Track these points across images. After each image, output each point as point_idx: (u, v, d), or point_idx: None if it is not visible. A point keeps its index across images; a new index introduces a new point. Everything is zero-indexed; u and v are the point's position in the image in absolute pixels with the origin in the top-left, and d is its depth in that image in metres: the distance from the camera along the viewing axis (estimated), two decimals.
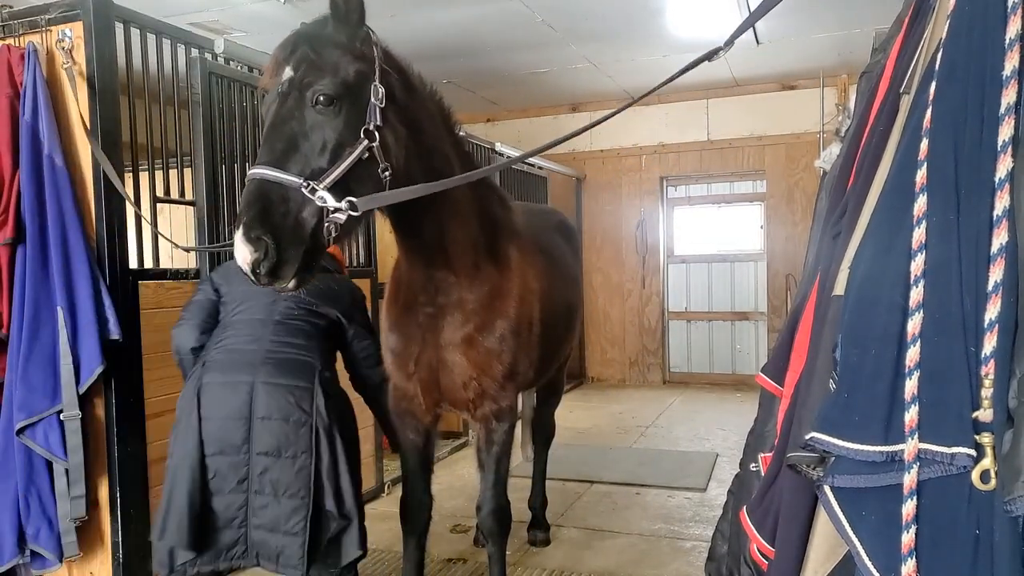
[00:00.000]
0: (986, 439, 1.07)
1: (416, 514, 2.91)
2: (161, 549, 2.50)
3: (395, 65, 2.24)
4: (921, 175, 1.19)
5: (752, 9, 5.92)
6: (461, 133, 2.67)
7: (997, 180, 1.11)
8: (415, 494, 2.91)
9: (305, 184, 1.92)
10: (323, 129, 1.99)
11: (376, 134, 2.06)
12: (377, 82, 2.08)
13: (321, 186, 1.93)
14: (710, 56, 1.73)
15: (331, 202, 1.93)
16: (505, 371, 2.69)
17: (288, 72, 2.02)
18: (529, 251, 2.91)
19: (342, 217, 1.96)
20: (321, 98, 1.98)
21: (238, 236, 1.87)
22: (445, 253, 2.53)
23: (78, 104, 3.04)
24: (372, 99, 2.07)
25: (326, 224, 1.95)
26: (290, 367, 2.63)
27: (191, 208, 3.69)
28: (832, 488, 1.18)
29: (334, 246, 2.58)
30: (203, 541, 2.49)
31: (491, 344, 2.65)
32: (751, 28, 6.38)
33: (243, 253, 1.87)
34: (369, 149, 2.04)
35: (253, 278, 1.91)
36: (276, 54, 2.08)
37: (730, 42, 1.69)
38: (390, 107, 2.12)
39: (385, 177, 2.09)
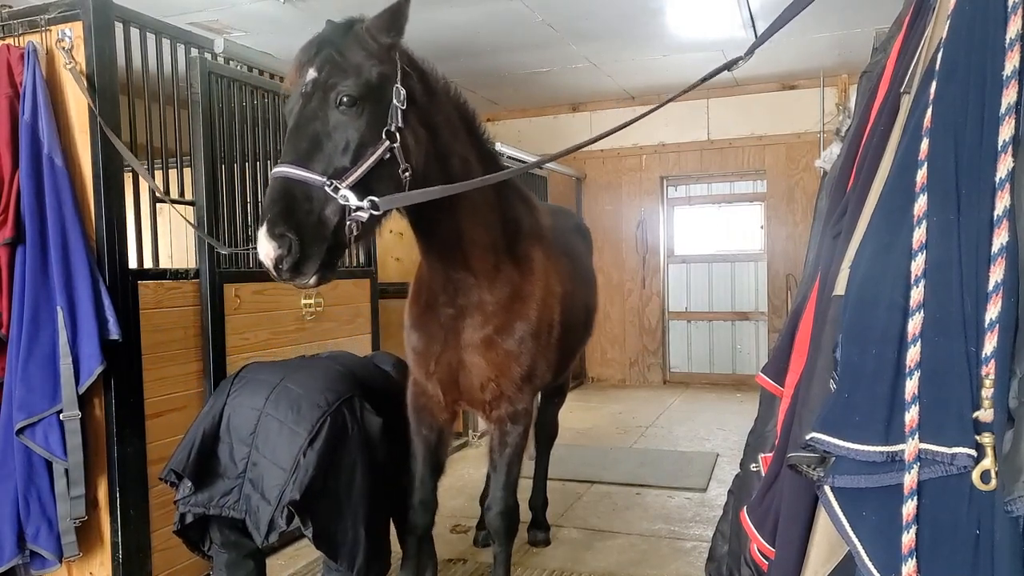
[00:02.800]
0: (987, 439, 1.06)
1: (419, 515, 2.88)
2: (166, 474, 2.64)
3: (417, 68, 2.27)
4: (921, 175, 1.19)
5: (752, 9, 5.93)
6: (485, 135, 2.67)
7: (997, 180, 1.11)
8: (421, 493, 2.87)
9: (328, 183, 1.96)
10: (346, 129, 2.03)
11: (397, 135, 2.09)
12: (399, 84, 2.12)
13: (344, 185, 1.97)
14: (729, 66, 1.77)
15: (353, 201, 1.97)
16: (523, 373, 2.70)
17: (312, 73, 2.05)
18: (553, 254, 2.92)
19: (364, 216, 2.00)
20: (345, 99, 2.02)
21: (262, 232, 1.91)
22: (464, 254, 2.55)
23: (91, 103, 3.04)
24: (394, 101, 2.10)
25: (348, 222, 1.99)
26: (335, 375, 2.75)
27: (191, 208, 3.69)
28: (832, 488, 1.18)
29: None
30: (203, 481, 2.60)
31: (510, 346, 2.66)
32: (751, 28, 6.38)
33: (266, 249, 1.91)
34: (391, 150, 2.08)
35: (275, 274, 1.95)
36: (299, 56, 2.12)
37: (751, 52, 1.73)
38: (411, 109, 2.16)
39: (405, 178, 2.13)
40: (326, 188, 1.95)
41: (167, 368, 3.40)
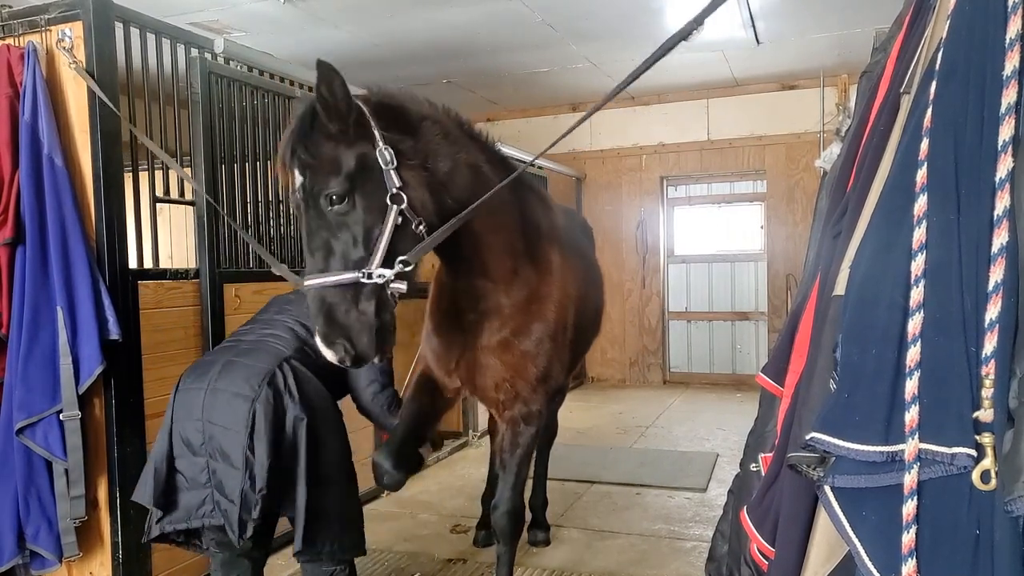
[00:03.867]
0: (986, 439, 1.06)
1: (388, 460, 2.72)
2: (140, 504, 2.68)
3: (389, 114, 2.22)
4: (921, 175, 1.19)
5: (752, 9, 5.92)
6: (488, 139, 2.66)
7: (997, 180, 1.11)
8: (398, 445, 2.74)
9: (362, 275, 2.05)
10: (351, 223, 2.10)
11: (402, 195, 2.13)
12: (382, 147, 2.12)
13: (375, 268, 2.07)
14: (685, 35, 1.82)
15: (389, 273, 2.08)
16: (539, 374, 2.73)
17: (298, 178, 2.11)
18: (568, 256, 2.94)
19: (402, 286, 2.11)
20: (334, 198, 2.07)
21: (320, 344, 2.08)
22: (482, 261, 2.58)
23: (97, 102, 3.04)
24: (382, 166, 2.12)
25: (388, 293, 2.10)
26: (258, 350, 2.76)
27: (191, 208, 3.69)
28: (832, 488, 1.18)
29: None
30: (172, 501, 2.62)
31: (527, 347, 2.69)
32: (752, 28, 6.38)
33: (329, 355, 2.09)
34: (401, 212, 2.13)
35: (346, 368, 2.17)
36: (280, 154, 2.16)
37: (700, 20, 1.78)
38: (401, 162, 2.17)
39: (420, 231, 2.18)
40: (361, 279, 2.05)
41: (167, 368, 3.39)
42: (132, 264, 3.29)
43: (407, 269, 2.10)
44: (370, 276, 2.05)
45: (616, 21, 6.13)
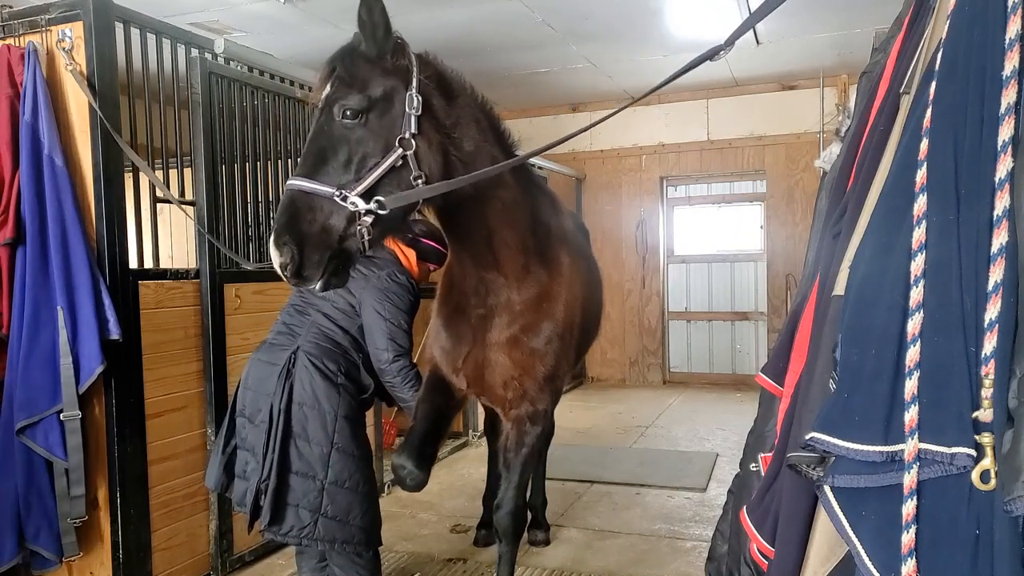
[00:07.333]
0: (986, 439, 1.06)
1: (406, 459, 2.75)
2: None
3: (434, 72, 2.30)
4: (921, 175, 1.19)
5: (752, 9, 5.92)
6: (511, 139, 2.66)
7: (997, 180, 1.11)
8: (416, 441, 2.77)
9: (338, 193, 2.02)
10: (351, 141, 2.09)
11: (412, 142, 2.13)
12: (414, 91, 2.15)
13: (353, 193, 2.03)
14: (711, 55, 1.75)
15: (362, 205, 2.03)
16: (547, 373, 2.73)
17: (326, 90, 2.13)
18: (576, 256, 2.96)
19: (369, 220, 2.05)
20: (348, 112, 2.08)
21: (270, 241, 2.04)
22: (494, 255, 2.58)
23: (92, 105, 3.05)
24: (407, 109, 2.14)
25: (357, 228, 2.04)
26: (277, 346, 2.93)
27: (191, 208, 3.69)
28: (832, 488, 1.18)
29: (402, 250, 3.10)
30: (232, 486, 2.93)
31: (536, 345, 2.69)
32: (751, 28, 6.38)
33: (273, 256, 2.04)
34: (403, 157, 2.11)
35: (284, 278, 2.07)
36: (320, 72, 2.19)
37: (731, 42, 1.71)
38: (426, 115, 2.19)
39: (417, 184, 2.15)
40: (335, 198, 2.01)
41: (167, 368, 3.40)
42: (132, 264, 3.29)
43: (381, 212, 2.03)
44: (344, 198, 2.01)
45: (616, 21, 6.13)
